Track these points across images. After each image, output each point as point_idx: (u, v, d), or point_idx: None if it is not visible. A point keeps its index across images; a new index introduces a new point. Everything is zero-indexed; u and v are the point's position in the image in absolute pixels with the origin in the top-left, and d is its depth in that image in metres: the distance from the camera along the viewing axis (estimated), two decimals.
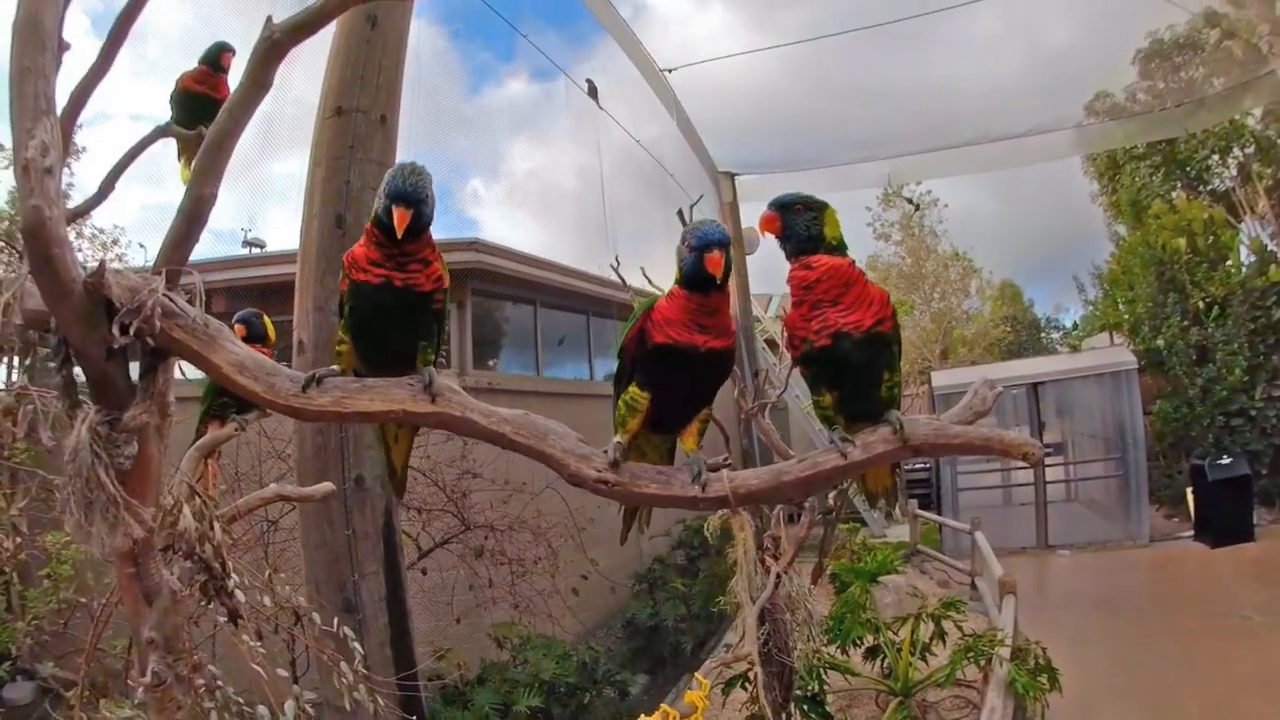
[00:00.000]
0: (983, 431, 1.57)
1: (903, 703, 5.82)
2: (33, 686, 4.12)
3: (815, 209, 1.67)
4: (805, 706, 5.27)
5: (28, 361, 1.59)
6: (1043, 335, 26.71)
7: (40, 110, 1.30)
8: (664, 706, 2.31)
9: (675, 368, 1.62)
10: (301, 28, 1.58)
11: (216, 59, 2.75)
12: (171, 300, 1.47)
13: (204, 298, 1.54)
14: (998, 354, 23.99)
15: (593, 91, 8.38)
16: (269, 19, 1.56)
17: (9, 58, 1.32)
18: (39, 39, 1.33)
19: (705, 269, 1.53)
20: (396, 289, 1.60)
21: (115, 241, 8.36)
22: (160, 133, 2.74)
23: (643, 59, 9.46)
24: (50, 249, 1.31)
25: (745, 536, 1.78)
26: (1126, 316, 14.43)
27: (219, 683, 1.58)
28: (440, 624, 6.63)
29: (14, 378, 1.52)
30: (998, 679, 4.91)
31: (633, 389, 1.67)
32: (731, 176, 12.97)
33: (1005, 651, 5.17)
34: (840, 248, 1.67)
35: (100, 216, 8.45)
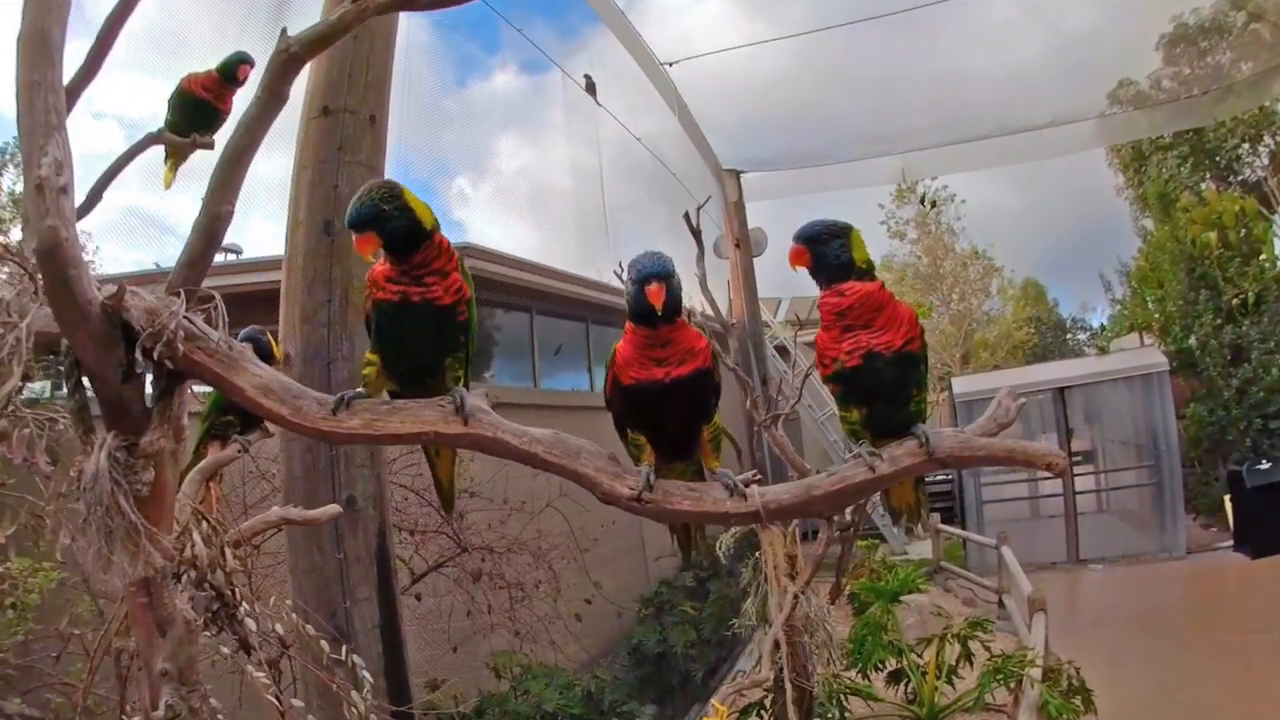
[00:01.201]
0: (1006, 443, 1.66)
1: None
2: None
3: (841, 235, 1.75)
4: None
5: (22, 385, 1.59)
6: (1069, 337, 26.72)
7: (51, 125, 1.32)
8: None
9: (651, 404, 1.72)
10: (319, 41, 1.64)
11: (233, 71, 2.75)
12: (192, 322, 1.50)
13: (226, 319, 1.57)
14: (1021, 357, 24.00)
15: (590, 88, 8.42)
16: (284, 31, 1.60)
17: (15, 71, 1.33)
18: (48, 52, 1.34)
19: (645, 300, 1.60)
20: (415, 304, 1.64)
21: (83, 248, 8.39)
22: (152, 139, 2.76)
23: (641, 52, 9.51)
24: (67, 270, 1.33)
25: (776, 551, 1.85)
26: (1156, 315, 14.46)
27: (219, 717, 1.59)
28: (436, 653, 6.60)
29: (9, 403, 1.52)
30: (1029, 701, 4.90)
31: (630, 433, 1.79)
32: (737, 174, 13.03)
33: (1036, 672, 5.15)
34: (869, 270, 1.76)
35: (88, 223, 8.48)
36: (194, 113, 2.76)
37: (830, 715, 5.38)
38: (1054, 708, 4.80)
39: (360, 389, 1.69)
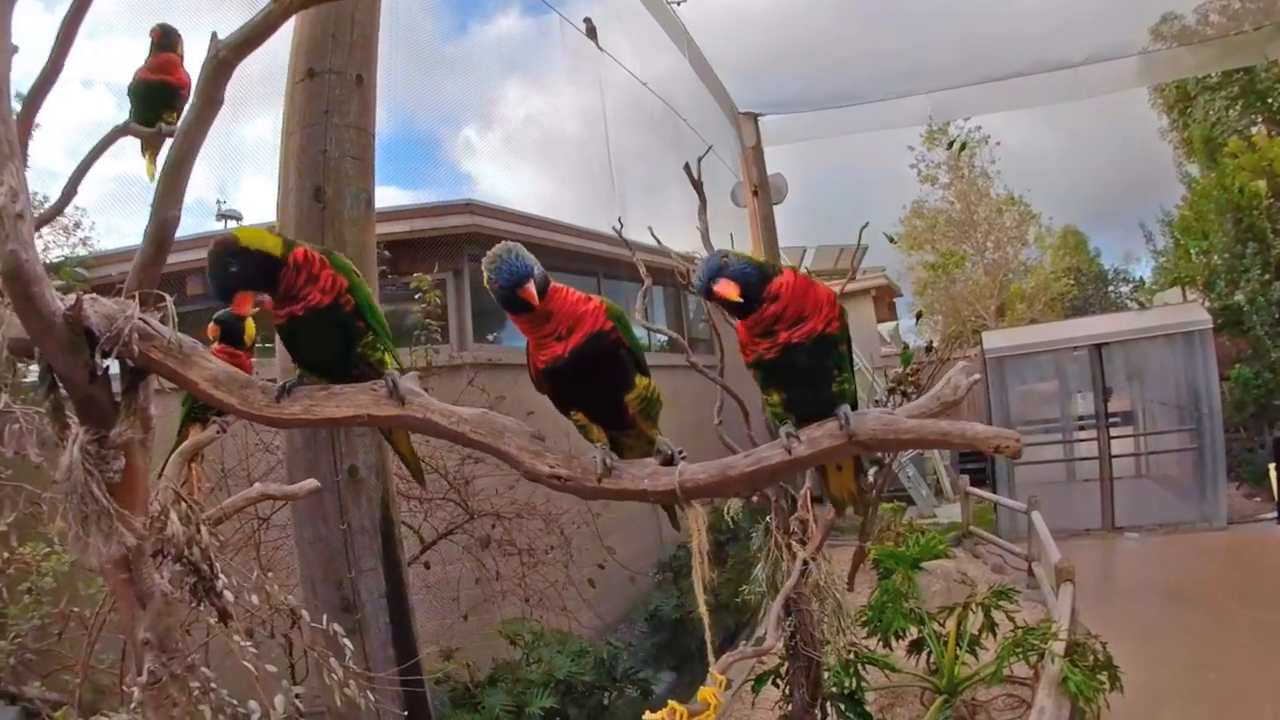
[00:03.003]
0: (941, 425, 1.61)
1: (948, 701, 5.92)
2: (17, 710, 4.27)
3: (736, 260, 1.75)
4: (842, 705, 5.38)
5: (8, 382, 1.79)
6: (1110, 289, 26.33)
7: (4, 155, 1.46)
8: (672, 703, 2.43)
9: (569, 379, 1.79)
10: (247, 43, 1.72)
11: (166, 42, 2.86)
12: (147, 323, 1.68)
13: (176, 319, 1.75)
14: (1060, 310, 23.73)
15: (591, 32, 8.31)
16: (214, 36, 1.70)
17: None
18: None
19: (522, 304, 1.70)
20: (301, 317, 1.83)
21: (78, 225, 8.53)
22: (119, 132, 2.85)
23: None
24: (30, 288, 1.51)
25: (699, 530, 1.91)
26: (1200, 269, 14.20)
27: (213, 685, 1.77)
28: (447, 622, 6.79)
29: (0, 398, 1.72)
30: (1049, 676, 4.94)
31: (571, 413, 1.86)
32: (754, 118, 12.84)
33: (1059, 646, 5.17)
34: (773, 266, 1.78)
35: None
36: (153, 98, 2.84)
37: (846, 685, 5.50)
38: (1075, 683, 4.81)
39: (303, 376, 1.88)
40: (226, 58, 1.71)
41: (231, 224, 8.80)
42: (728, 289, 1.70)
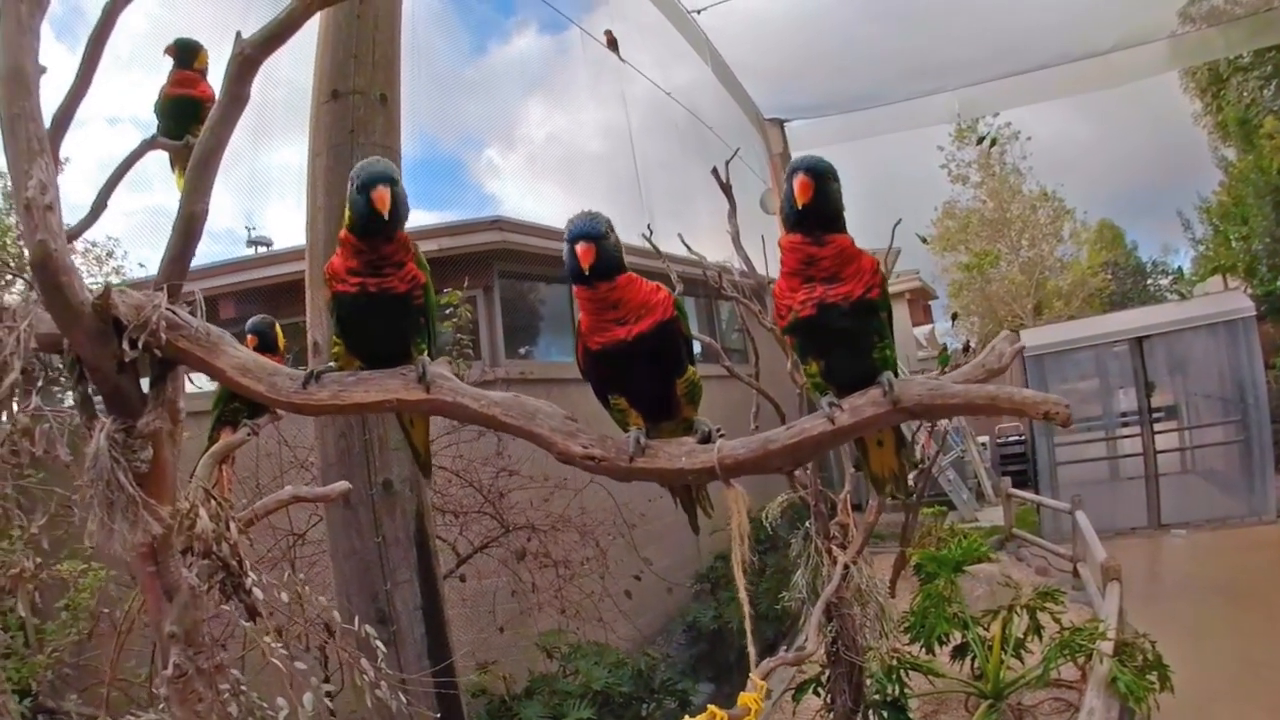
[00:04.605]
0: (987, 389, 1.56)
1: (993, 706, 5.80)
2: None
3: (837, 179, 1.72)
4: (885, 712, 5.31)
5: (39, 384, 1.87)
6: (1149, 282, 25.79)
7: (34, 151, 1.54)
8: (712, 708, 2.39)
9: (622, 365, 1.79)
10: (271, 39, 1.75)
11: (185, 56, 2.92)
12: (174, 313, 1.72)
13: (204, 307, 1.82)
14: (1099, 305, 23.26)
15: (612, 44, 8.36)
16: (238, 35, 1.73)
17: None
18: (25, 85, 1.57)
19: (576, 261, 1.69)
20: (373, 294, 1.82)
21: (110, 254, 8.77)
22: (147, 145, 2.91)
23: (666, 1, 9.37)
24: (59, 277, 1.56)
25: (739, 510, 1.83)
26: (1240, 255, 13.83)
27: (242, 687, 1.81)
28: (483, 634, 6.82)
29: (32, 400, 1.78)
30: (1098, 678, 4.86)
31: (611, 398, 1.86)
32: (780, 124, 12.82)
33: (1107, 646, 5.09)
34: (844, 222, 1.75)
35: (92, 230, 8.84)
36: (179, 113, 2.90)
37: (889, 691, 5.42)
38: (1125, 684, 4.73)
39: (332, 363, 1.90)
40: (251, 55, 1.74)
41: (262, 249, 8.98)
42: (807, 189, 1.66)
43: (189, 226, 1.80)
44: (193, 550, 1.79)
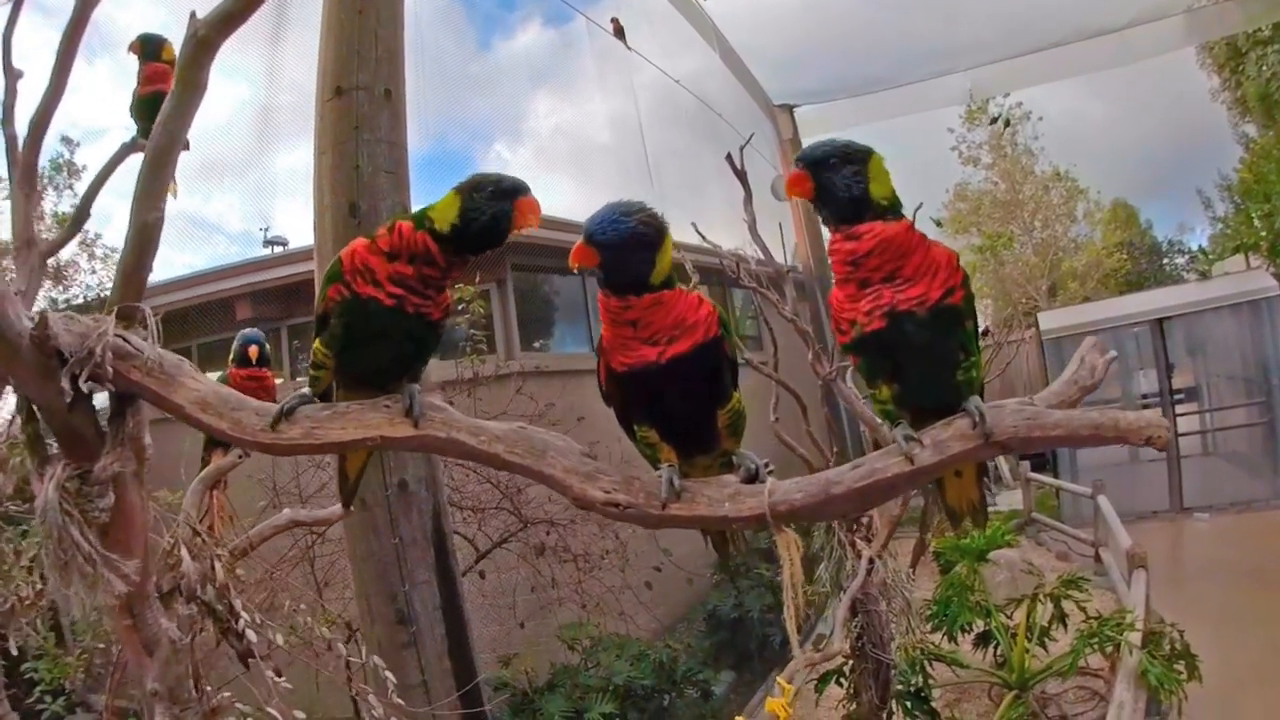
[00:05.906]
0: (1090, 417, 1.39)
1: (1019, 696, 5.71)
2: (92, 719, 4.41)
3: (856, 161, 1.48)
4: (909, 703, 5.22)
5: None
6: (1165, 262, 25.47)
7: None
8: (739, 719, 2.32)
9: (651, 391, 1.52)
10: (229, 19, 1.57)
11: (151, 50, 2.81)
12: (125, 340, 1.50)
13: (158, 329, 1.57)
14: (1114, 287, 22.98)
15: (619, 32, 8.23)
16: (193, 15, 1.55)
17: None
18: None
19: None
20: (407, 315, 1.55)
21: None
22: (128, 150, 2.84)
23: None
24: None
25: (791, 559, 1.56)
26: (1263, 233, 13.53)
27: None
28: (504, 629, 6.81)
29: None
30: (1126, 669, 4.73)
31: (638, 428, 1.60)
32: (790, 109, 12.68)
33: (1135, 637, 4.96)
34: (893, 208, 1.48)
35: (112, 235, 8.96)
36: (152, 111, 2.81)
37: (912, 682, 5.33)
38: (1154, 675, 4.61)
39: (305, 391, 1.65)
40: (206, 36, 1.56)
41: (278, 249, 8.95)
42: (800, 183, 1.47)
43: (142, 238, 1.61)
44: (179, 590, 1.60)
